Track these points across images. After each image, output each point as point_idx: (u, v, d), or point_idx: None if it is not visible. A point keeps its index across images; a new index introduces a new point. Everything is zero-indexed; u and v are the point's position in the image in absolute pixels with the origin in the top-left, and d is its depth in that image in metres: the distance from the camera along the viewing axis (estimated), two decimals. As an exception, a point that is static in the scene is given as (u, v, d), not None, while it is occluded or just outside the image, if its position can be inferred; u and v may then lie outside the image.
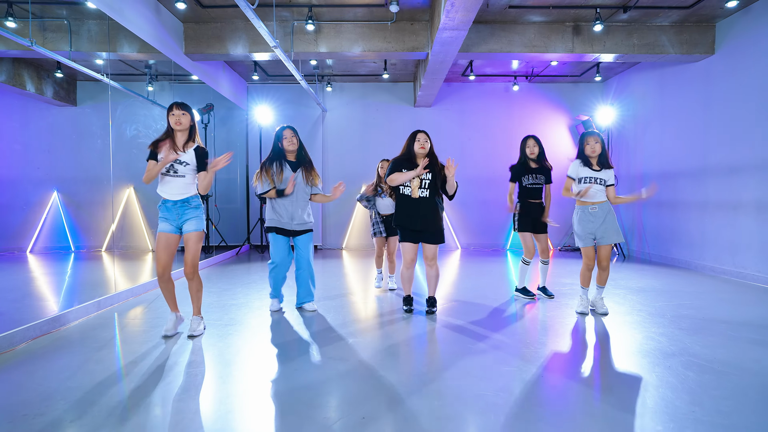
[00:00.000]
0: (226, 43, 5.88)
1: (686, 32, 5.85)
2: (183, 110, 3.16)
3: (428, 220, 3.66)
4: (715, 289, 4.92)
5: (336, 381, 2.42)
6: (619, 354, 2.85)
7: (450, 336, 3.23)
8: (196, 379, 2.44)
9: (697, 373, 2.51)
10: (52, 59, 5.44)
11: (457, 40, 5.08)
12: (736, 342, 3.07)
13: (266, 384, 2.38)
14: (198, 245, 3.19)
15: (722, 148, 5.73)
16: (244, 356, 2.81)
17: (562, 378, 2.46)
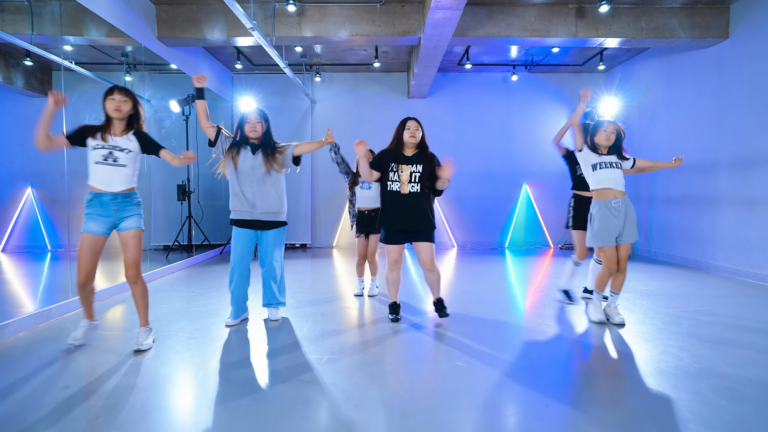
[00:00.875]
0: (202, 26, 5.44)
1: (698, 14, 5.43)
2: (125, 96, 2.77)
3: (418, 218, 3.26)
4: (731, 291, 4.53)
5: (301, 411, 2.01)
6: (636, 376, 2.45)
7: (439, 352, 2.82)
8: (112, 411, 2.03)
9: (731, 401, 2.11)
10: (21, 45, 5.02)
11: (451, 21, 4.66)
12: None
13: (206, 421, 1.97)
14: (140, 245, 2.83)
15: (736, 140, 5.33)
16: (195, 379, 2.40)
17: (569, 410, 2.06)
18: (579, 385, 2.33)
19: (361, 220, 4.12)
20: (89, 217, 2.74)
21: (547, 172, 8.30)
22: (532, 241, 8.38)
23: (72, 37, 5.48)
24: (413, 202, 3.26)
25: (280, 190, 3.30)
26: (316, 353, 2.77)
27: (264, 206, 3.21)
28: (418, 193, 3.27)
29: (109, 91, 2.76)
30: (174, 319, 3.52)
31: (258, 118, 3.24)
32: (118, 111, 2.74)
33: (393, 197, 3.29)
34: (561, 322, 3.48)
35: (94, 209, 2.74)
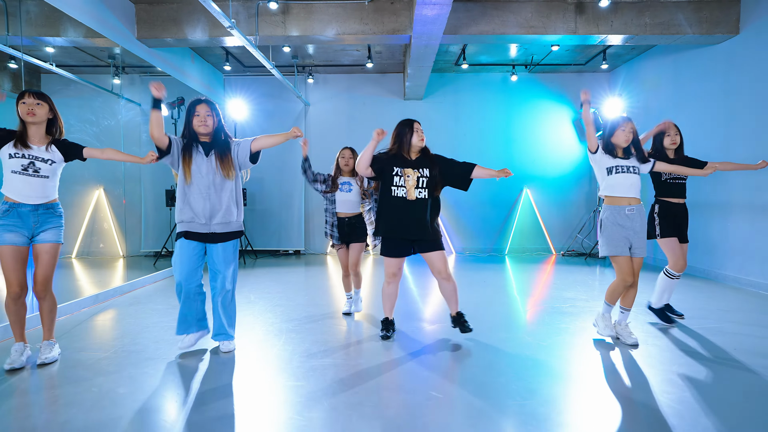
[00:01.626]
0: (183, 26, 5.23)
1: (706, 9, 5.12)
2: (38, 99, 2.59)
3: (424, 226, 3.00)
4: (744, 306, 4.19)
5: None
6: (632, 415, 2.16)
7: (416, 380, 2.55)
8: None
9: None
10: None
11: (440, 18, 4.40)
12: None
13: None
14: (54, 260, 2.68)
15: (748, 141, 5.00)
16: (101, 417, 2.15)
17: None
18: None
19: (342, 228, 3.71)
20: (5, 228, 2.56)
21: (549, 175, 8.00)
22: (534, 247, 8.06)
23: (50, 38, 5.30)
24: (420, 210, 3.01)
25: (238, 196, 2.92)
26: (287, 389, 2.51)
27: (223, 215, 2.82)
28: (425, 200, 3.02)
29: (20, 95, 2.58)
30: (138, 338, 3.29)
31: (208, 110, 2.80)
32: (32, 115, 2.56)
33: (397, 204, 3.02)
34: (558, 342, 3.19)
35: (12, 220, 2.56)
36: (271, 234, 8.15)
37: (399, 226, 3.03)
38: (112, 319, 3.84)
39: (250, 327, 3.56)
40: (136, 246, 7.55)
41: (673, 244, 3.46)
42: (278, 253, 8.19)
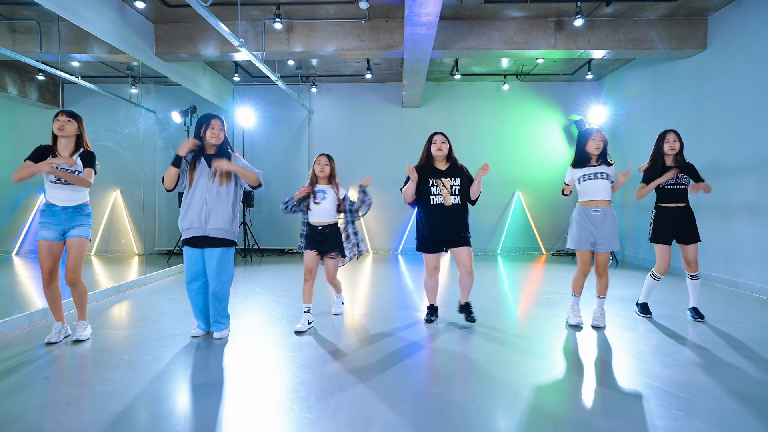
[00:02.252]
0: (196, 43, 5.75)
1: (676, 26, 5.54)
2: (70, 117, 3.11)
3: (457, 228, 3.47)
4: (710, 298, 4.60)
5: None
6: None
7: (396, 351, 3.01)
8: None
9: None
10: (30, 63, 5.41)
11: (428, 37, 4.87)
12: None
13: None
14: (82, 252, 3.14)
15: (714, 147, 5.41)
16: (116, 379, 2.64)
17: (494, 403, 2.23)
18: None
19: (314, 237, 3.56)
20: (43, 225, 3.06)
21: (540, 179, 8.42)
22: (525, 247, 8.49)
23: (77, 54, 5.85)
24: (456, 214, 3.47)
25: (235, 207, 3.23)
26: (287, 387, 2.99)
27: (217, 221, 3.12)
28: (459, 205, 3.48)
29: (56, 114, 3.11)
30: (158, 320, 3.78)
31: (221, 125, 3.19)
32: (62, 130, 3.07)
33: (437, 210, 3.46)
34: (533, 326, 3.64)
35: (47, 218, 3.07)
36: (276, 234, 8.65)
37: (438, 231, 3.46)
38: (132, 306, 4.35)
39: (256, 311, 4.05)
40: (150, 245, 8.09)
41: (662, 249, 3.72)
42: (283, 251, 8.69)
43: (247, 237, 8.25)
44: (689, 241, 3.70)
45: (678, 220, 3.71)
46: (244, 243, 8.28)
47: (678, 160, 3.75)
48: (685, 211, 3.73)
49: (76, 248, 3.12)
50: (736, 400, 2.26)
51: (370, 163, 8.47)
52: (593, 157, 3.54)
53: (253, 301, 4.49)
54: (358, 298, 4.71)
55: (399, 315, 3.97)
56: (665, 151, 3.74)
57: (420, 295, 4.86)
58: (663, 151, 3.75)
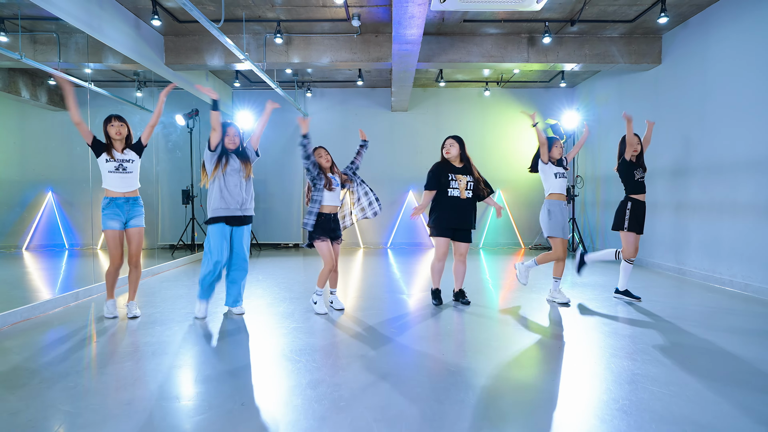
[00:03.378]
0: (203, 54, 6.30)
1: (635, 43, 6.22)
2: (121, 122, 3.68)
3: (468, 219, 4.05)
4: (659, 284, 5.27)
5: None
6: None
7: (383, 324, 3.62)
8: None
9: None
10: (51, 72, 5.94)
11: (413, 52, 5.48)
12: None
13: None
14: (142, 239, 3.76)
15: (669, 152, 6.09)
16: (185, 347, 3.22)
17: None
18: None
19: (327, 225, 3.80)
20: (108, 217, 3.63)
21: (519, 179, 9.08)
22: (505, 241, 9.16)
23: (93, 63, 6.37)
24: (468, 206, 4.05)
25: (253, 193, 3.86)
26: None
27: (248, 204, 3.74)
28: (471, 199, 4.07)
29: (108, 119, 3.67)
30: (178, 301, 4.36)
31: (236, 132, 3.80)
32: (119, 134, 3.66)
33: (452, 201, 4.00)
34: (511, 306, 4.28)
35: (112, 210, 3.63)
36: (273, 229, 9.23)
37: (452, 219, 3.99)
38: (151, 292, 4.91)
39: (261, 294, 4.64)
40: (153, 240, 8.60)
41: (632, 237, 4.23)
42: (279, 246, 9.26)
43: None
44: (642, 232, 4.29)
45: (643, 212, 4.25)
46: (243, 238, 8.83)
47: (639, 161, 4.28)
48: (644, 205, 4.30)
49: (139, 236, 3.74)
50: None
51: (361, 163, 9.06)
52: (554, 160, 4.27)
53: (258, 286, 5.07)
54: (353, 286, 5.31)
55: (389, 298, 4.58)
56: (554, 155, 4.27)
57: (408, 281, 5.48)
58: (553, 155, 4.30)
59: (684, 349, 2.99)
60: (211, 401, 2.21)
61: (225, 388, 2.37)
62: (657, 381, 2.46)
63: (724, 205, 5.12)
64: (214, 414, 2.08)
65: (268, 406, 2.16)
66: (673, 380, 2.47)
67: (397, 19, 4.52)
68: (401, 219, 9.18)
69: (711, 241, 5.32)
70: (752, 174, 4.73)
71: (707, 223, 5.40)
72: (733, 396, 2.28)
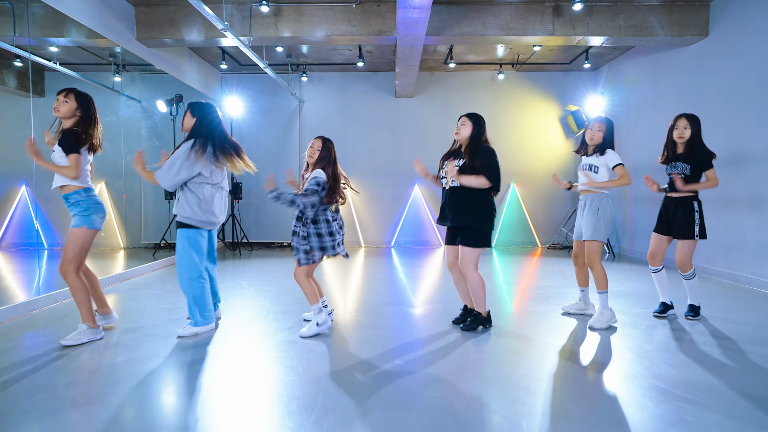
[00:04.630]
0: (180, 27, 5.50)
1: (677, 12, 5.37)
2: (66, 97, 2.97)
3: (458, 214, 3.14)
4: (709, 293, 4.47)
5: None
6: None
7: (386, 345, 2.84)
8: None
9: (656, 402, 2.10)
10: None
11: (422, 21, 4.67)
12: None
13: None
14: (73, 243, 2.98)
15: (717, 137, 5.24)
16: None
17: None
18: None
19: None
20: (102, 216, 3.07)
21: (536, 171, 8.26)
22: (520, 240, 8.35)
23: (54, 38, 5.58)
24: (454, 197, 3.11)
25: None
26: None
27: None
28: (458, 188, 3.10)
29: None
30: (136, 316, 3.59)
31: None
32: (56, 111, 2.92)
33: (442, 194, 3.25)
34: (526, 319, 3.48)
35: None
36: (266, 227, 8.45)
37: (442, 213, 3.22)
38: (122, 298, 4.15)
39: (240, 307, 3.86)
40: (136, 238, 7.85)
41: (653, 238, 3.59)
42: (273, 245, 8.49)
43: (235, 230, 8.04)
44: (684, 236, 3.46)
45: (671, 211, 3.52)
46: (232, 236, 8.08)
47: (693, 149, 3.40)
48: (678, 203, 3.48)
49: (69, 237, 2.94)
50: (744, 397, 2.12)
51: (363, 155, 8.28)
52: (589, 146, 3.44)
53: (237, 295, 4.30)
54: (351, 296, 4.54)
55: (391, 311, 3.80)
56: (674, 139, 3.47)
57: (415, 289, 4.70)
58: (673, 139, 3.49)
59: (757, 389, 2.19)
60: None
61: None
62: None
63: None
64: None
65: None
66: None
67: (403, -27, 3.72)
68: (406, 216, 8.38)
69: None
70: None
71: (765, 221, 4.58)
72: None
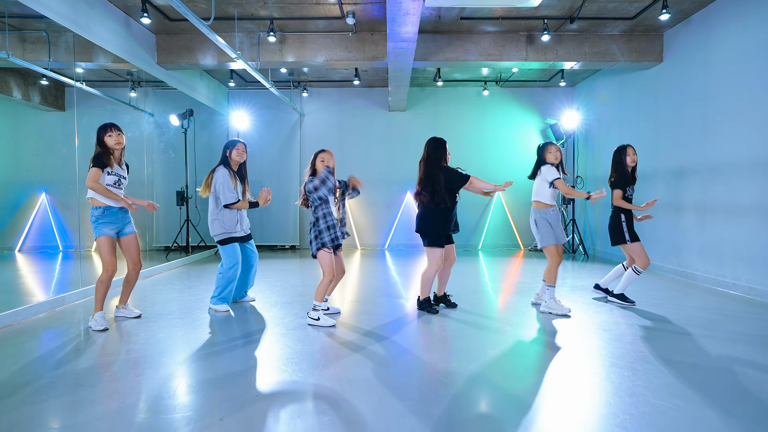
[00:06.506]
0: (196, 53, 6.18)
1: (635, 41, 6.09)
2: (120, 131, 3.60)
3: (456, 223, 4.12)
4: (660, 287, 5.15)
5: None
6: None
7: (377, 331, 3.51)
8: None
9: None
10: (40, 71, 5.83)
11: (409, 51, 5.36)
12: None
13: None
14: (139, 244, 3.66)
15: (669, 152, 5.97)
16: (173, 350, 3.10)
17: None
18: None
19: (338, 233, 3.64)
20: (106, 224, 3.50)
21: (518, 180, 8.92)
22: (504, 243, 9.03)
23: (84, 63, 6.26)
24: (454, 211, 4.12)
25: None
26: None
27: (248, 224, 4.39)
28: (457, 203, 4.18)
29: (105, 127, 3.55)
30: (166, 305, 4.24)
31: (244, 147, 4.16)
32: (119, 144, 3.56)
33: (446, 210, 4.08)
34: (506, 312, 4.16)
35: (109, 218, 3.51)
36: (269, 230, 9.11)
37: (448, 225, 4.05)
38: (143, 296, 4.80)
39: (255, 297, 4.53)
40: (149, 242, 8.49)
41: (640, 246, 4.18)
42: (276, 247, 9.14)
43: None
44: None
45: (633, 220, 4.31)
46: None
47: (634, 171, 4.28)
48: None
49: (137, 241, 3.70)
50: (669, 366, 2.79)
51: (359, 164, 8.95)
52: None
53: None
54: (349, 290, 5.20)
55: (386, 303, 4.47)
56: (627, 163, 4.24)
57: (406, 285, 5.36)
58: (626, 163, 4.24)
59: (687, 357, 2.87)
60: (191, 415, 2.10)
61: (205, 400, 2.26)
62: (659, 394, 2.34)
63: (726, 206, 5.00)
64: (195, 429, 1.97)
65: (250, 420, 2.05)
66: (676, 393, 2.35)
67: (391, 16, 4.41)
68: (399, 220, 9.06)
69: (714, 244, 5.19)
70: (756, 175, 4.61)
71: (709, 225, 5.28)
72: (738, 413, 2.17)
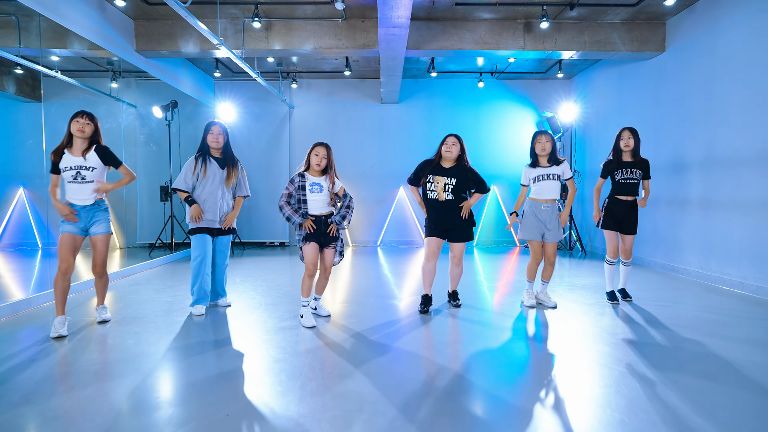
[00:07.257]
0: (177, 40, 5.86)
1: (637, 30, 5.86)
2: (89, 120, 3.24)
3: (456, 219, 3.77)
4: (658, 284, 4.95)
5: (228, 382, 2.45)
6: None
7: (363, 327, 3.26)
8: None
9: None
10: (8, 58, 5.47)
11: (401, 38, 5.09)
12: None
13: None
14: (107, 247, 3.32)
15: (670, 145, 5.75)
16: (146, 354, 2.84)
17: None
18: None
19: (318, 227, 3.49)
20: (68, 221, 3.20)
21: (514, 175, 8.72)
22: (499, 239, 8.81)
23: (57, 50, 5.91)
24: (449, 208, 3.76)
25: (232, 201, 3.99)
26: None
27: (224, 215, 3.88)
28: (453, 200, 3.75)
29: (75, 115, 3.23)
30: (141, 307, 3.96)
31: (219, 129, 3.75)
32: (82, 132, 3.21)
33: (432, 203, 3.80)
34: (498, 306, 3.92)
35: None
36: (258, 227, 8.81)
37: (437, 218, 3.77)
38: (123, 294, 4.51)
39: (235, 300, 4.25)
40: (132, 238, 8.17)
41: (611, 235, 4.06)
42: (264, 244, 8.85)
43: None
44: (630, 232, 4.06)
45: (625, 212, 4.03)
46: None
47: (634, 156, 4.01)
48: (632, 205, 4.04)
49: (102, 244, 3.31)
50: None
51: (350, 158, 8.68)
52: (541, 158, 3.91)
53: (232, 291, 4.69)
54: (340, 290, 4.94)
55: (377, 303, 4.22)
56: (621, 147, 4.04)
57: (399, 284, 5.12)
58: (620, 148, 4.04)
59: (689, 361, 2.64)
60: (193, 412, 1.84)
61: (168, 422, 2.00)
62: (659, 394, 2.11)
63: (728, 201, 4.79)
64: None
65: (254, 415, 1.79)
66: (675, 397, 2.13)
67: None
68: (391, 216, 8.80)
69: (718, 241, 4.99)
70: (763, 170, 4.40)
71: (713, 221, 5.07)
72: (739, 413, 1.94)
